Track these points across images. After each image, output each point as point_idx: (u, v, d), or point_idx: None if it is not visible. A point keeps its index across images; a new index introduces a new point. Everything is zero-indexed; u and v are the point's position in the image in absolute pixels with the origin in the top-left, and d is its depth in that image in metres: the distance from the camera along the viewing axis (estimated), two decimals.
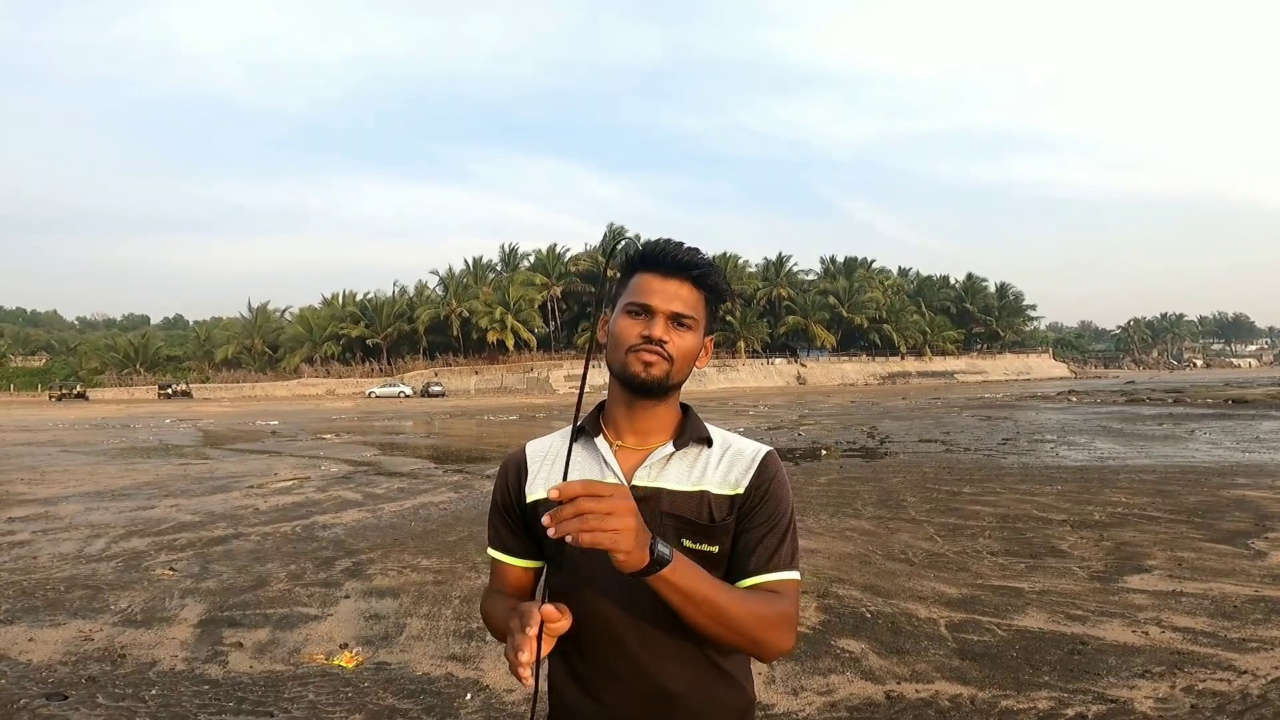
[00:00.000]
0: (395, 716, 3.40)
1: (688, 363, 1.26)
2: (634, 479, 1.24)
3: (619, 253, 1.31)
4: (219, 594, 5.28)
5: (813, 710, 3.40)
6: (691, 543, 1.21)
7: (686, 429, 1.30)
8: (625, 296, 1.27)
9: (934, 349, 78.64)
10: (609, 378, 1.30)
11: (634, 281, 1.27)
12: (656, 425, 1.29)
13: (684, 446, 1.27)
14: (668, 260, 1.25)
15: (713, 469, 1.27)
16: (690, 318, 1.25)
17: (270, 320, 76.41)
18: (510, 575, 1.35)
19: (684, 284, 1.25)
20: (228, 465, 13.47)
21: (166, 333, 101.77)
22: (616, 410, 1.30)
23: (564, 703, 1.27)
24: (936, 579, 5.35)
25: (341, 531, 7.41)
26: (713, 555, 1.22)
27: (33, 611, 4.89)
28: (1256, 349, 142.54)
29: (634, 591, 1.18)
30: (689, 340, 1.25)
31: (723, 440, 1.31)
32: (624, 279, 1.31)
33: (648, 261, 1.27)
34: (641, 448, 1.28)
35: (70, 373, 75.10)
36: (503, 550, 1.35)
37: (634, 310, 1.25)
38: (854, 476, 10.59)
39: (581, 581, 1.22)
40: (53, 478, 11.84)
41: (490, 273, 72.25)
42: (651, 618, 1.19)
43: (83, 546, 6.84)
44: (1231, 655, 3.85)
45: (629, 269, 1.30)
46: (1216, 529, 6.72)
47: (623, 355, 1.24)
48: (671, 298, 1.24)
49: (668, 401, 1.29)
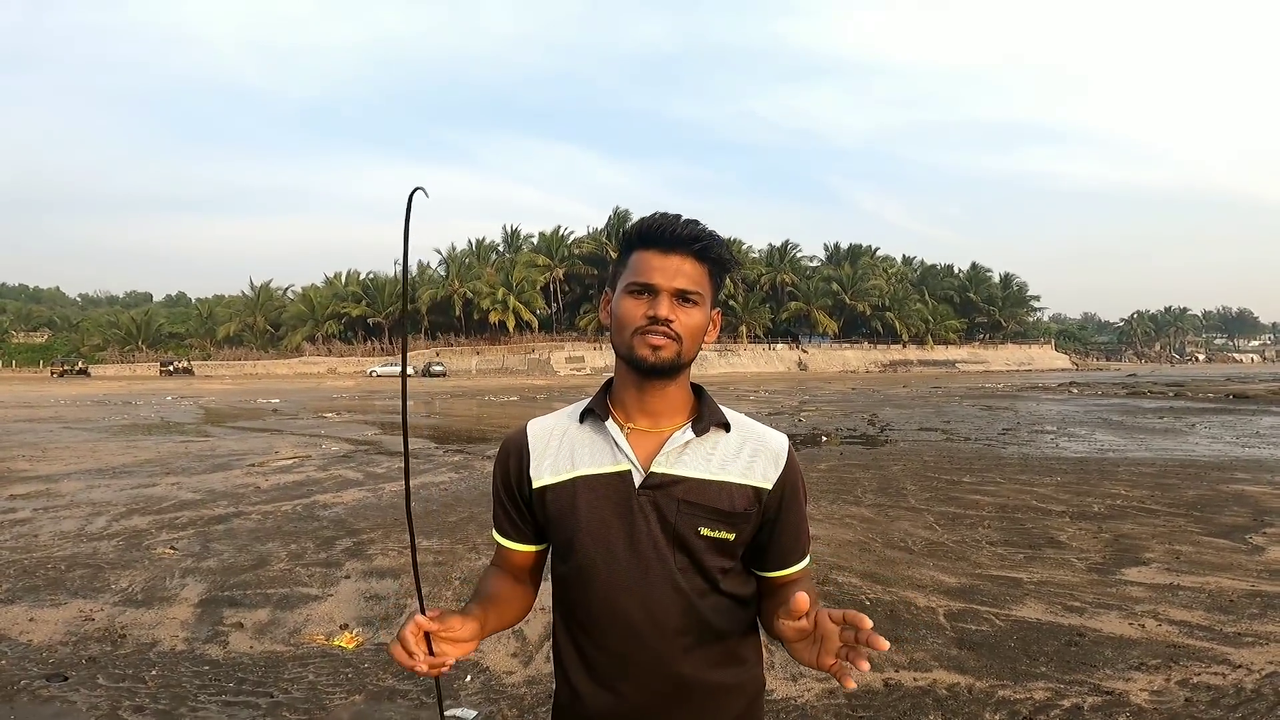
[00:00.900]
0: (395, 698, 3.42)
1: (696, 340, 1.22)
2: (652, 465, 1.21)
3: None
4: (219, 573, 5.30)
5: (811, 696, 3.42)
6: (709, 530, 1.20)
7: (704, 413, 1.26)
8: (625, 276, 1.22)
9: (936, 338, 78.62)
10: (615, 359, 1.26)
11: (633, 259, 1.22)
12: (668, 406, 1.25)
13: (703, 432, 1.24)
14: (667, 235, 1.20)
15: (734, 458, 1.24)
16: (695, 293, 1.20)
17: (273, 298, 76.43)
18: (514, 559, 1.33)
19: (686, 258, 1.20)
20: (229, 443, 13.50)
21: (169, 310, 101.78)
22: (626, 392, 1.26)
23: (578, 693, 1.25)
24: (936, 568, 5.37)
25: (342, 511, 7.43)
26: (729, 542, 1.22)
27: (33, 591, 4.91)
28: (1259, 344, 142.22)
29: (647, 581, 1.20)
30: (696, 316, 1.21)
31: (741, 425, 1.28)
32: (622, 257, 1.26)
33: (646, 238, 1.22)
34: (655, 430, 1.24)
35: (72, 349, 75.23)
36: (502, 534, 1.33)
37: (636, 290, 1.20)
38: (854, 464, 10.61)
39: (594, 571, 1.21)
40: (54, 455, 11.87)
41: (493, 254, 72.15)
42: (665, 607, 1.20)
43: (84, 525, 6.86)
44: (1227, 649, 3.87)
45: (627, 246, 1.25)
46: (1215, 523, 6.73)
47: (629, 338, 1.20)
48: (674, 274, 1.19)
49: (678, 381, 1.25)
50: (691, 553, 1.20)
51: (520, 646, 3.98)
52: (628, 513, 1.20)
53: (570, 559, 1.24)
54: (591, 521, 1.21)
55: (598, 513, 1.21)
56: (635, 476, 1.21)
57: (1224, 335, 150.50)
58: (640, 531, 1.19)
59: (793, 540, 1.28)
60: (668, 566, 1.19)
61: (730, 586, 1.25)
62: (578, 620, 1.25)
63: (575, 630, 1.26)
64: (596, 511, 1.21)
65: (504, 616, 1.27)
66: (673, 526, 1.20)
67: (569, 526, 1.23)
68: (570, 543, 1.23)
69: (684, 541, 1.20)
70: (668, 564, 1.19)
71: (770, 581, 1.29)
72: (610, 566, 1.20)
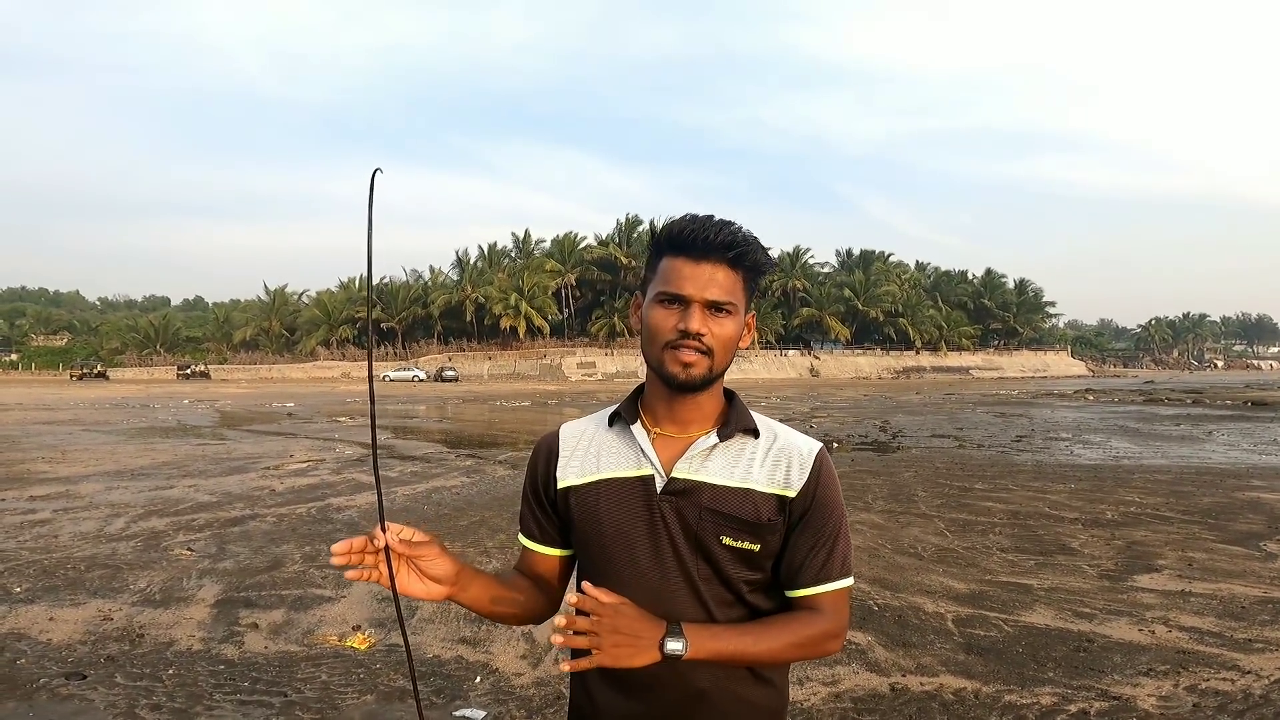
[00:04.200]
0: (406, 698, 3.46)
1: (730, 350, 1.16)
2: (674, 470, 1.17)
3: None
4: (235, 575, 5.38)
5: (818, 700, 3.44)
6: (732, 540, 1.15)
7: (732, 418, 1.21)
8: (655, 284, 1.16)
9: (950, 344, 78.12)
10: (645, 363, 1.22)
11: (663, 267, 1.16)
12: (699, 414, 1.21)
13: (729, 438, 1.19)
14: (699, 242, 1.13)
15: (759, 464, 1.19)
16: (729, 303, 1.14)
17: (288, 303, 77.01)
18: (538, 563, 1.29)
19: (719, 266, 1.13)
20: (244, 446, 13.64)
21: (186, 314, 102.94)
22: (656, 401, 1.21)
23: (596, 704, 1.22)
24: (945, 574, 5.37)
25: (355, 514, 7.51)
26: (754, 553, 1.16)
27: (53, 591, 5.00)
28: (1279, 351, 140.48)
29: (666, 592, 1.16)
30: (729, 327, 1.15)
31: (770, 431, 1.22)
32: (652, 262, 1.19)
33: (676, 243, 1.15)
34: (682, 436, 1.20)
35: (91, 352, 76.10)
36: (528, 535, 1.29)
37: (666, 299, 1.14)
38: (865, 470, 10.59)
39: (615, 576, 1.18)
40: (73, 456, 12.04)
41: (505, 259, 72.40)
42: (686, 616, 1.16)
43: (103, 526, 6.97)
44: (1237, 655, 3.85)
45: (656, 250, 1.18)
46: (1229, 530, 6.69)
47: (659, 352, 1.15)
48: (706, 284, 1.13)
49: (710, 391, 1.20)
50: (714, 562, 1.16)
51: (530, 649, 4.02)
52: (650, 518, 1.17)
53: (592, 562, 1.22)
54: (614, 525, 1.19)
55: (621, 517, 1.19)
56: (658, 481, 1.18)
57: (1243, 342, 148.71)
58: (662, 538, 1.16)
59: (820, 556, 1.18)
60: (689, 575, 1.16)
61: (756, 600, 1.20)
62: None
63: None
64: (619, 515, 1.19)
65: (497, 595, 1.22)
66: (695, 534, 1.16)
67: (592, 529, 1.20)
68: (592, 546, 1.21)
69: (706, 550, 1.16)
70: (689, 572, 1.16)
71: (795, 602, 1.19)
72: (632, 571, 1.17)
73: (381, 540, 1.07)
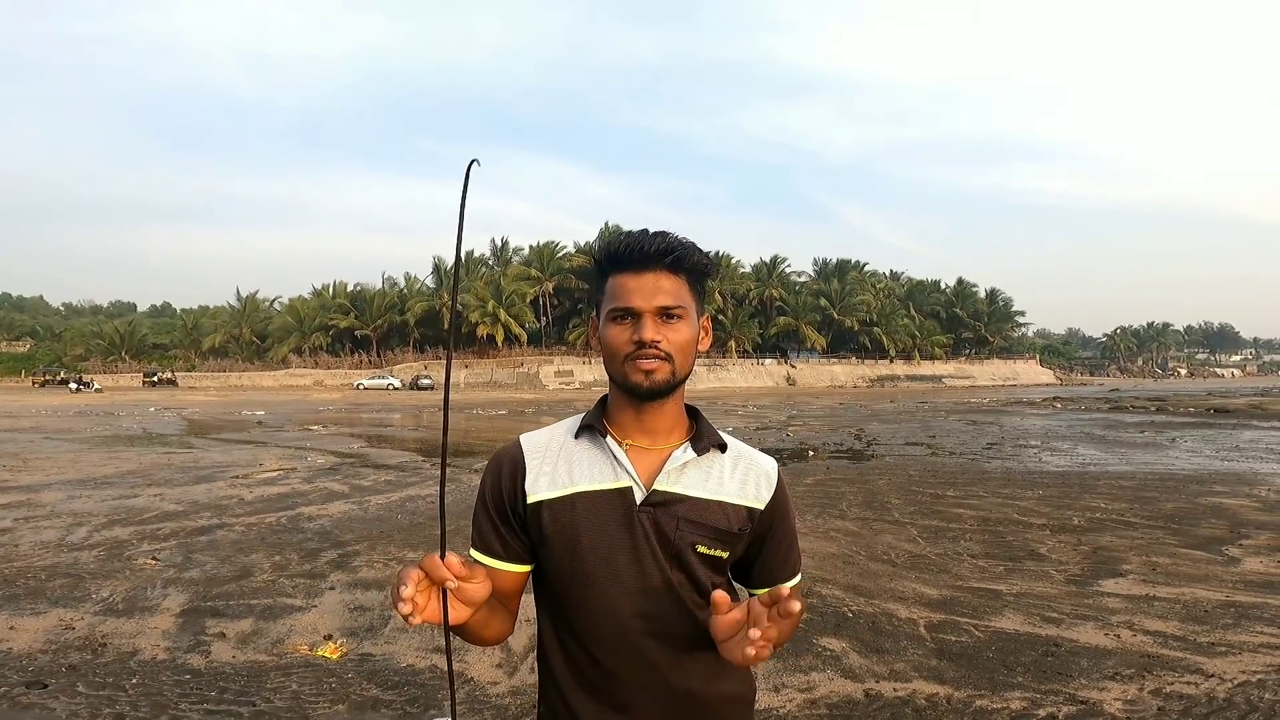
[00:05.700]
0: (379, 708, 3.42)
1: (688, 354, 1.21)
2: (655, 483, 1.21)
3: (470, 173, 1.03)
4: (202, 584, 5.28)
5: (793, 707, 3.45)
6: (706, 548, 1.21)
7: (703, 434, 1.26)
8: (606, 303, 1.22)
9: (923, 353, 79.14)
10: (609, 380, 1.25)
11: (610, 285, 1.21)
12: (666, 424, 1.25)
13: (703, 453, 1.24)
14: (637, 254, 1.18)
15: (729, 478, 1.25)
16: (678, 308, 1.19)
17: (259, 310, 75.99)
18: (499, 580, 1.22)
19: (662, 274, 1.19)
20: (213, 455, 13.41)
21: (153, 320, 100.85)
22: (622, 412, 1.25)
23: (575, 713, 1.22)
24: (918, 580, 5.42)
25: (327, 523, 7.40)
26: (722, 560, 1.23)
27: (13, 600, 4.88)
28: (1241, 359, 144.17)
29: (649, 597, 1.19)
30: (683, 332, 1.20)
31: (734, 447, 1.29)
32: (599, 284, 1.25)
33: (617, 260, 1.20)
34: (654, 448, 1.24)
35: (54, 359, 74.42)
36: (488, 553, 1.25)
37: (618, 315, 1.19)
38: (840, 478, 10.67)
39: (596, 587, 1.20)
40: (35, 465, 11.76)
41: (483, 267, 72.06)
42: (668, 622, 1.20)
43: (65, 535, 6.81)
44: (1200, 659, 3.93)
45: (601, 273, 1.24)
46: (1192, 535, 6.83)
47: (620, 366, 1.19)
48: (652, 293, 1.18)
49: (675, 397, 1.24)
50: (688, 569, 1.21)
51: (505, 658, 3.99)
52: (629, 529, 1.19)
53: (570, 575, 1.21)
54: (592, 537, 1.20)
55: (599, 528, 1.20)
56: (636, 493, 1.20)
57: (1206, 350, 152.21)
58: (642, 546, 1.19)
59: (783, 558, 1.30)
60: (669, 581, 1.20)
61: None
62: (575, 636, 1.22)
63: (571, 646, 1.23)
64: (598, 527, 1.20)
65: (480, 616, 1.14)
66: (672, 543, 1.20)
67: (569, 542, 1.20)
68: (570, 558, 1.21)
69: (681, 558, 1.20)
70: (669, 579, 1.20)
71: (771, 595, 1.30)
72: (614, 581, 1.19)
73: (441, 573, 1.00)
